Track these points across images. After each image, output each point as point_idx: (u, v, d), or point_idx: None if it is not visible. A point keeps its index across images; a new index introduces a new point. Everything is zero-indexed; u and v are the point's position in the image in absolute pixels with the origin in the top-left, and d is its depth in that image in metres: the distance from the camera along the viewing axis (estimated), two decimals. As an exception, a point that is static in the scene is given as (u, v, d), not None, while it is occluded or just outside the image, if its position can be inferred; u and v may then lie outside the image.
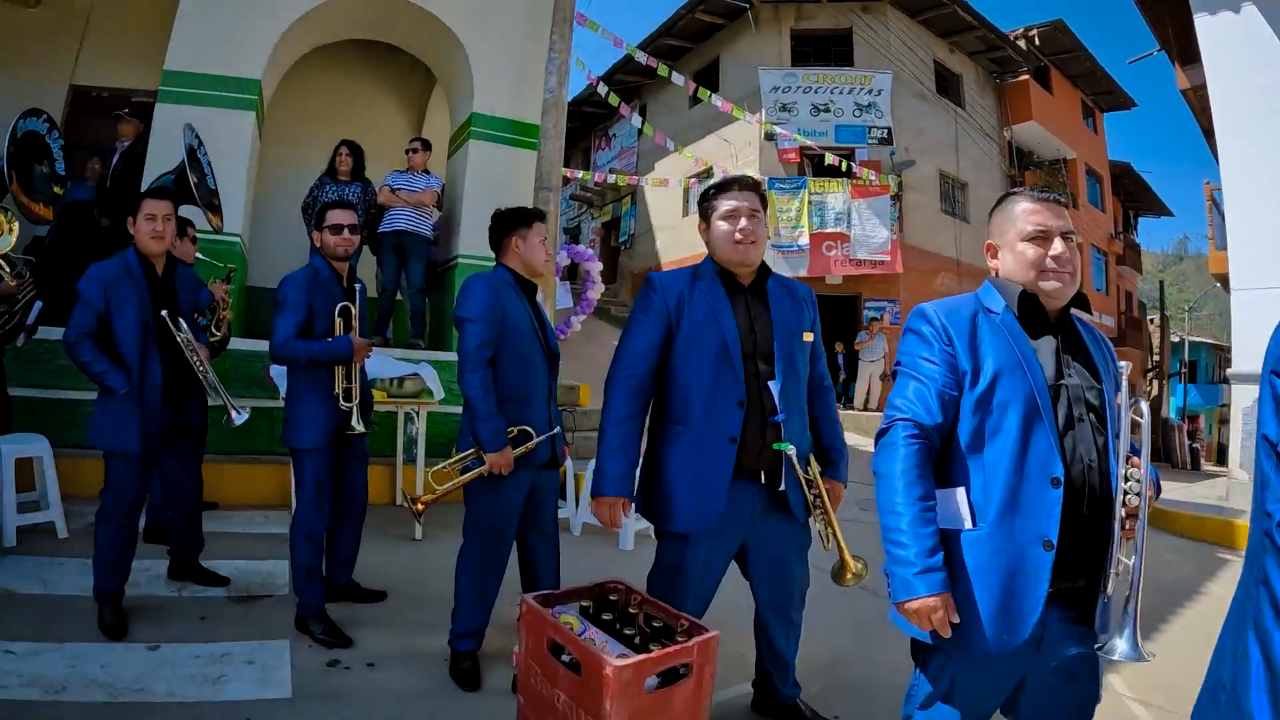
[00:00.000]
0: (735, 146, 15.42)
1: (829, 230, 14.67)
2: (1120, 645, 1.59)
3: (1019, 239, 1.81)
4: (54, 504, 4.49)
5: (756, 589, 2.64)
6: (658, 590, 2.50)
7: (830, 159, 13.28)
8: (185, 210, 4.52)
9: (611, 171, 16.73)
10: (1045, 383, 1.72)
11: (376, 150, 7.61)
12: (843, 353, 14.71)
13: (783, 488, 2.44)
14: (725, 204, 2.52)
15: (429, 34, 7.44)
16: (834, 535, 2.44)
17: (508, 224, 3.23)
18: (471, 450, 2.95)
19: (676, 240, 17.90)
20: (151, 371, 3.36)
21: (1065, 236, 1.79)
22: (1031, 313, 1.81)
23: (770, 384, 2.42)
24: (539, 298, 3.34)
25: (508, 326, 3.00)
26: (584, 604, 2.40)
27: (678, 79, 10.56)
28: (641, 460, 2.63)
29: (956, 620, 1.68)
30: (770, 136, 14.64)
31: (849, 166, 14.02)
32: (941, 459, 1.81)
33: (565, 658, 2.12)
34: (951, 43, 18.09)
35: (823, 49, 16.47)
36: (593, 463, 3.13)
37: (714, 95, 10.91)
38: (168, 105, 6.41)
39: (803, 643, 2.78)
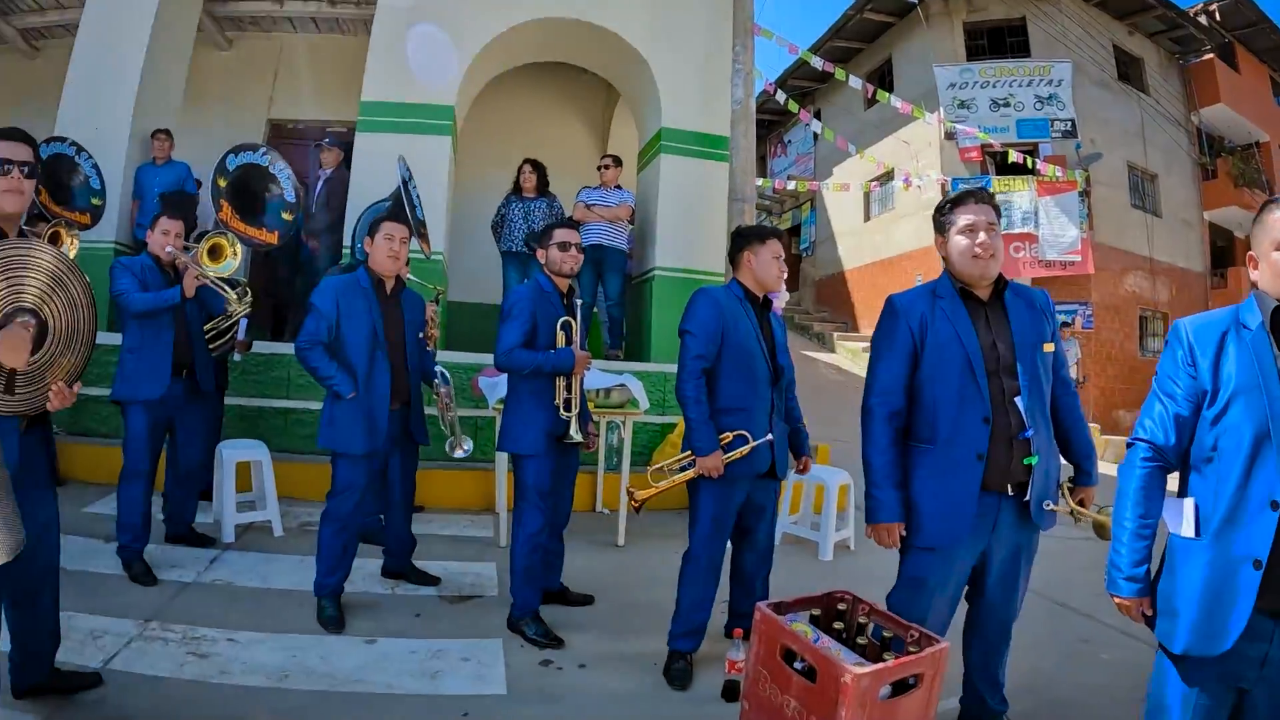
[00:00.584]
0: (915, 148, 14.83)
1: (1016, 231, 13.84)
2: None
3: (1273, 248, 1.77)
4: (271, 504, 4.78)
5: (984, 603, 2.65)
6: (901, 601, 2.55)
7: (1014, 156, 12.56)
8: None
9: (791, 179, 16.46)
10: None
11: (565, 165, 7.76)
12: (1033, 356, 13.93)
13: (1028, 498, 2.45)
14: (962, 218, 2.51)
15: (612, 53, 7.43)
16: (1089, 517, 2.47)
17: (742, 240, 3.29)
18: (688, 453, 3.09)
19: (858, 246, 17.50)
20: (378, 382, 3.52)
21: None
22: None
23: (1016, 400, 2.42)
24: (777, 310, 3.35)
25: (732, 341, 3.09)
26: (814, 612, 2.41)
27: (855, 82, 10.20)
28: None
29: (1150, 613, 1.91)
30: (950, 135, 14.00)
31: (1033, 163, 13.22)
32: (1181, 468, 1.94)
33: (798, 665, 2.16)
34: (1129, 24, 16.92)
35: (997, 41, 15.67)
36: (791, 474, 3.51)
37: (892, 97, 10.46)
38: (367, 134, 6.67)
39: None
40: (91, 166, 6.45)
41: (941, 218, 2.58)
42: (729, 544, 3.25)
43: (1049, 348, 2.54)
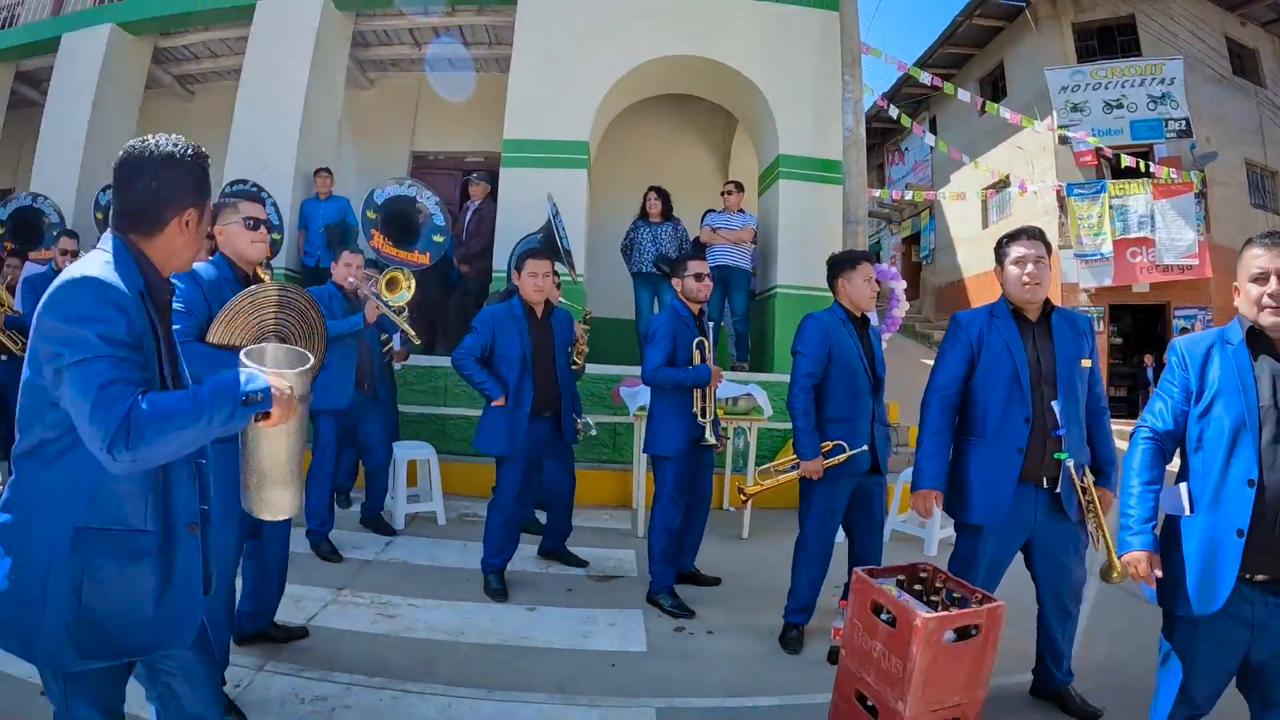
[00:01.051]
0: (1029, 153, 14.93)
1: (1132, 235, 13.81)
2: None
3: (1248, 279, 2.24)
4: (436, 497, 5.68)
5: (1039, 583, 3.14)
6: (954, 571, 3.06)
7: (1126, 160, 12.56)
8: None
9: (908, 187, 16.74)
10: (1257, 404, 2.17)
11: (689, 188, 8.54)
12: (1150, 366, 13.86)
13: (1059, 490, 2.94)
14: (1015, 251, 3.04)
15: (730, 84, 8.04)
16: (1103, 536, 2.86)
17: (835, 268, 3.86)
18: (792, 457, 3.69)
19: (977, 253, 17.57)
20: (524, 399, 4.15)
21: None
22: (1260, 342, 2.24)
23: (1053, 404, 2.94)
24: (877, 325, 3.81)
25: (836, 359, 3.64)
26: (900, 578, 2.99)
27: (963, 95, 10.48)
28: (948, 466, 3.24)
29: (1159, 575, 2.32)
30: (1065, 140, 14.07)
31: (1147, 166, 13.16)
32: (1181, 464, 2.41)
33: (884, 616, 2.73)
34: (1241, 15, 16.44)
35: (1107, 41, 15.55)
36: (902, 474, 4.55)
37: (1001, 108, 10.69)
38: (511, 169, 7.41)
39: (1084, 645, 3.33)
40: (272, 205, 7.33)
41: (999, 250, 3.13)
42: (847, 534, 3.84)
43: (1086, 363, 3.05)
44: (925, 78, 10.32)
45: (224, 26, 9.08)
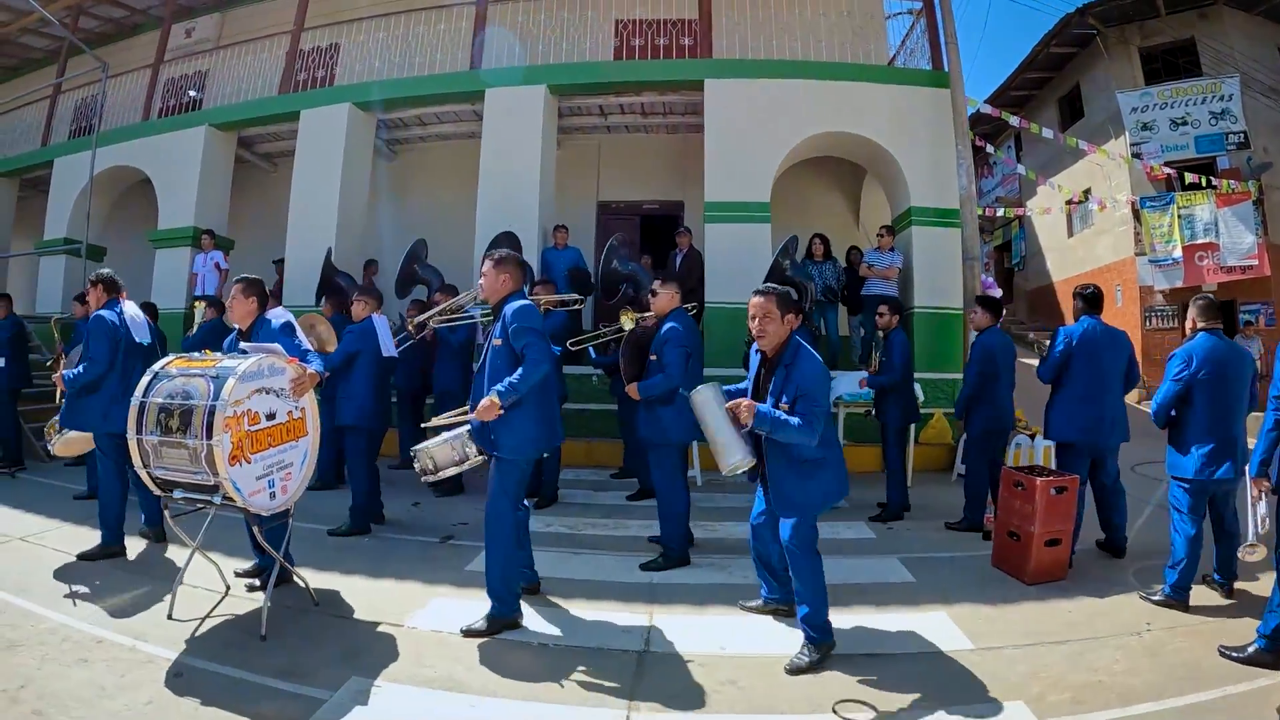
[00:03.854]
0: (1106, 169, 17.98)
1: (1199, 241, 16.86)
2: None
3: None
4: None
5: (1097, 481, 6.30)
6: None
7: (1190, 178, 15.59)
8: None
9: (999, 202, 19.80)
10: None
11: (825, 231, 11.77)
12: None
13: None
14: None
15: (868, 150, 11.58)
16: None
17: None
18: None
19: (1064, 260, 20.87)
20: None
21: None
22: None
23: None
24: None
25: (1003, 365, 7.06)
26: (1026, 470, 6.16)
27: (1047, 133, 13.80)
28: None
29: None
30: (1137, 155, 17.06)
31: (1208, 180, 16.16)
32: None
33: (1019, 486, 5.82)
34: None
35: (1171, 63, 18.57)
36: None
37: (1081, 142, 13.90)
38: (713, 225, 10.86)
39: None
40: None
41: None
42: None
43: None
44: (1014, 120, 13.53)
45: (440, 102, 12.57)
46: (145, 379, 4.69)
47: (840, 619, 4.72)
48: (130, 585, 5.47)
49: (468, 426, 4.78)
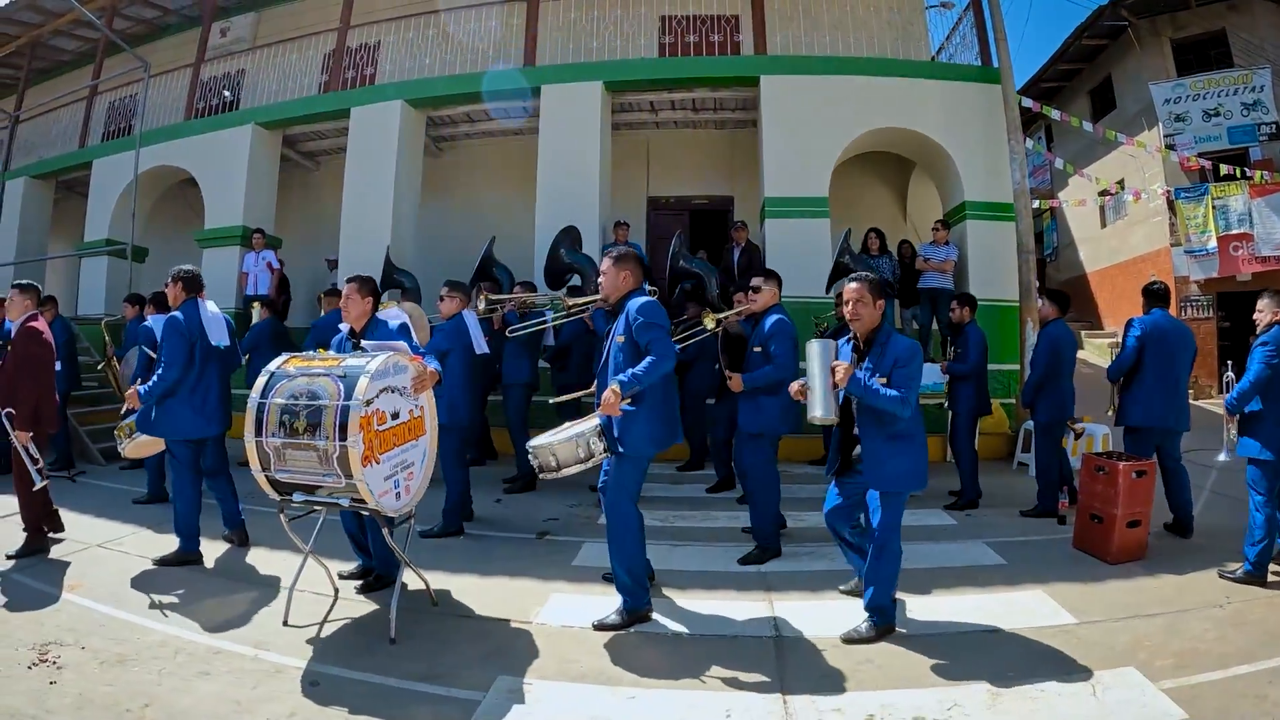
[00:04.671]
0: (1140, 160, 18.33)
1: (1233, 232, 17.21)
2: None
3: None
4: None
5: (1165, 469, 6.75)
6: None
7: (1225, 169, 15.94)
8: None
9: (1033, 194, 20.15)
10: None
11: (875, 224, 12.11)
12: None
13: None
14: None
15: (921, 145, 12.02)
16: None
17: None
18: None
19: (1097, 251, 21.33)
20: None
21: None
22: None
23: None
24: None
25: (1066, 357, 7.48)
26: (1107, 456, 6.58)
27: (1088, 126, 14.14)
28: None
29: None
30: (1171, 146, 17.41)
31: (1242, 171, 16.52)
32: None
33: (1101, 470, 6.29)
34: None
35: (1202, 54, 18.95)
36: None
37: (1120, 135, 14.25)
38: (773, 220, 11.25)
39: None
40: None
41: None
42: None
43: None
44: (1055, 114, 13.89)
45: (494, 99, 12.91)
46: (262, 379, 4.62)
47: (955, 600, 5.21)
48: (223, 591, 5.52)
49: (594, 423, 4.80)
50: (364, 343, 5.08)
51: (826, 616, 4.97)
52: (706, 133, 14.04)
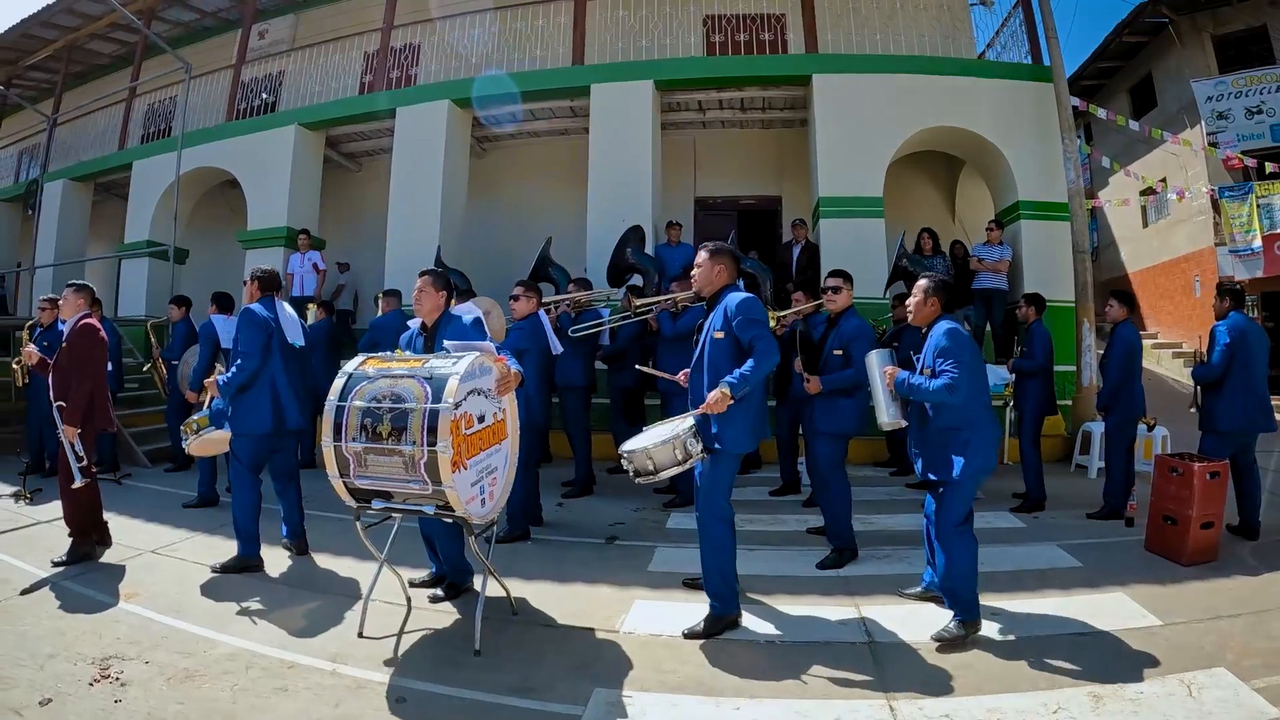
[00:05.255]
0: (1182, 158, 18.35)
1: (1279, 230, 17.36)
2: None
3: None
4: None
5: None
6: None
7: (1270, 167, 15.92)
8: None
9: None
10: None
11: (923, 223, 12.25)
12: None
13: None
14: None
15: (973, 145, 12.09)
16: None
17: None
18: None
19: (1138, 251, 21.31)
20: None
21: None
22: None
23: None
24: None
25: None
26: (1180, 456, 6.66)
27: (1133, 125, 14.18)
28: None
29: None
30: (1214, 144, 17.41)
31: (1285, 169, 16.56)
32: None
33: (1175, 471, 6.32)
34: None
35: (1244, 50, 18.94)
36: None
37: (1165, 133, 14.28)
38: (828, 220, 11.37)
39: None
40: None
41: None
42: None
43: None
44: (1102, 113, 13.92)
45: (541, 98, 13.07)
46: (339, 381, 4.47)
47: (1040, 602, 5.26)
48: (289, 600, 5.39)
49: (689, 423, 4.72)
50: (447, 343, 4.88)
51: (915, 619, 4.99)
52: (753, 132, 14.15)
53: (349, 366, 4.58)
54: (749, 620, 4.96)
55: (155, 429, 11.53)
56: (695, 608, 4.98)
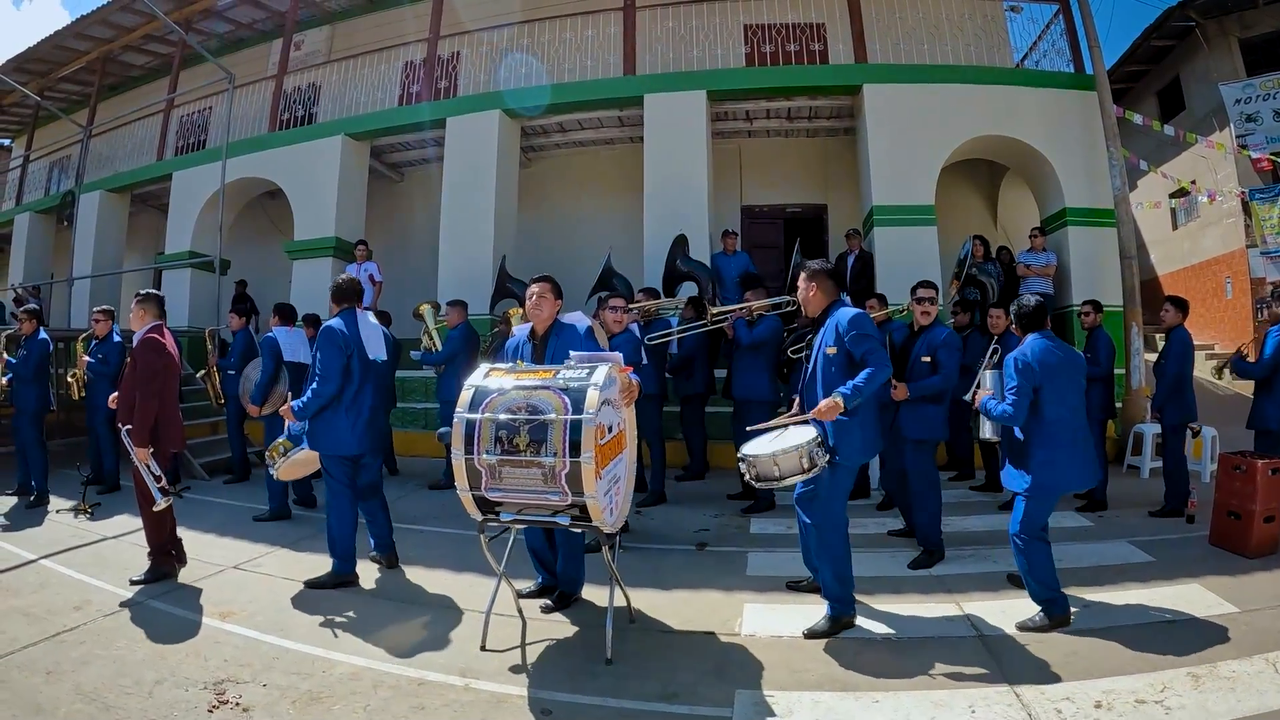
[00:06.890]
0: (1212, 161, 18.76)
1: (1308, 231, 17.97)
2: None
3: None
4: None
5: None
6: None
7: (1296, 169, 16.60)
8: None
9: None
10: None
11: (967, 229, 12.90)
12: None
13: None
14: None
15: (1018, 153, 12.72)
16: None
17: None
18: None
19: (1168, 254, 21.88)
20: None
21: None
22: None
23: None
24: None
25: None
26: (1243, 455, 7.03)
27: (1168, 130, 14.82)
28: None
29: None
30: (1244, 146, 17.97)
31: (1313, 171, 17.17)
32: None
33: (1238, 469, 6.77)
34: None
35: (1271, 53, 19.44)
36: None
37: (1200, 138, 14.89)
38: (882, 228, 11.97)
39: None
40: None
41: None
42: None
43: None
44: (1138, 119, 14.50)
45: (592, 108, 13.63)
46: (466, 394, 4.54)
47: (1123, 594, 5.69)
48: (395, 615, 5.43)
49: (813, 434, 4.91)
50: (573, 354, 4.93)
51: (1011, 614, 5.27)
52: (798, 141, 14.73)
53: (474, 380, 4.66)
54: (861, 620, 5.19)
55: (209, 441, 12.00)
56: (805, 609, 5.32)
